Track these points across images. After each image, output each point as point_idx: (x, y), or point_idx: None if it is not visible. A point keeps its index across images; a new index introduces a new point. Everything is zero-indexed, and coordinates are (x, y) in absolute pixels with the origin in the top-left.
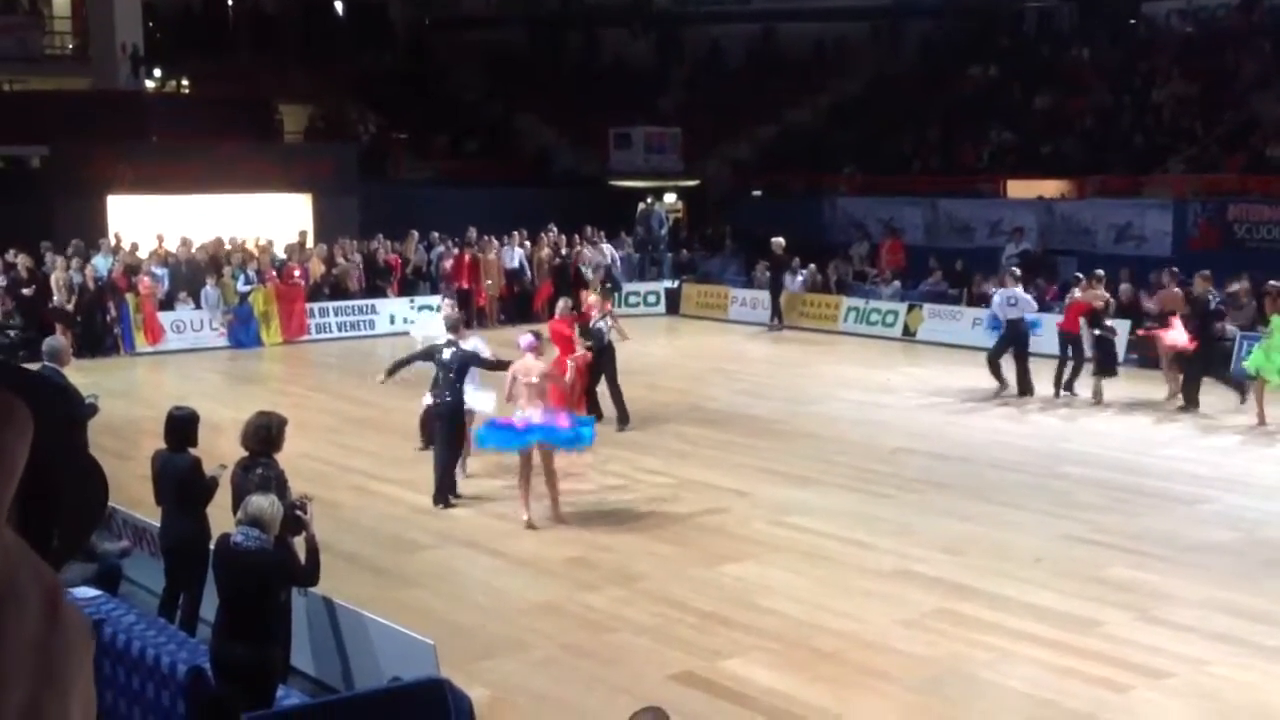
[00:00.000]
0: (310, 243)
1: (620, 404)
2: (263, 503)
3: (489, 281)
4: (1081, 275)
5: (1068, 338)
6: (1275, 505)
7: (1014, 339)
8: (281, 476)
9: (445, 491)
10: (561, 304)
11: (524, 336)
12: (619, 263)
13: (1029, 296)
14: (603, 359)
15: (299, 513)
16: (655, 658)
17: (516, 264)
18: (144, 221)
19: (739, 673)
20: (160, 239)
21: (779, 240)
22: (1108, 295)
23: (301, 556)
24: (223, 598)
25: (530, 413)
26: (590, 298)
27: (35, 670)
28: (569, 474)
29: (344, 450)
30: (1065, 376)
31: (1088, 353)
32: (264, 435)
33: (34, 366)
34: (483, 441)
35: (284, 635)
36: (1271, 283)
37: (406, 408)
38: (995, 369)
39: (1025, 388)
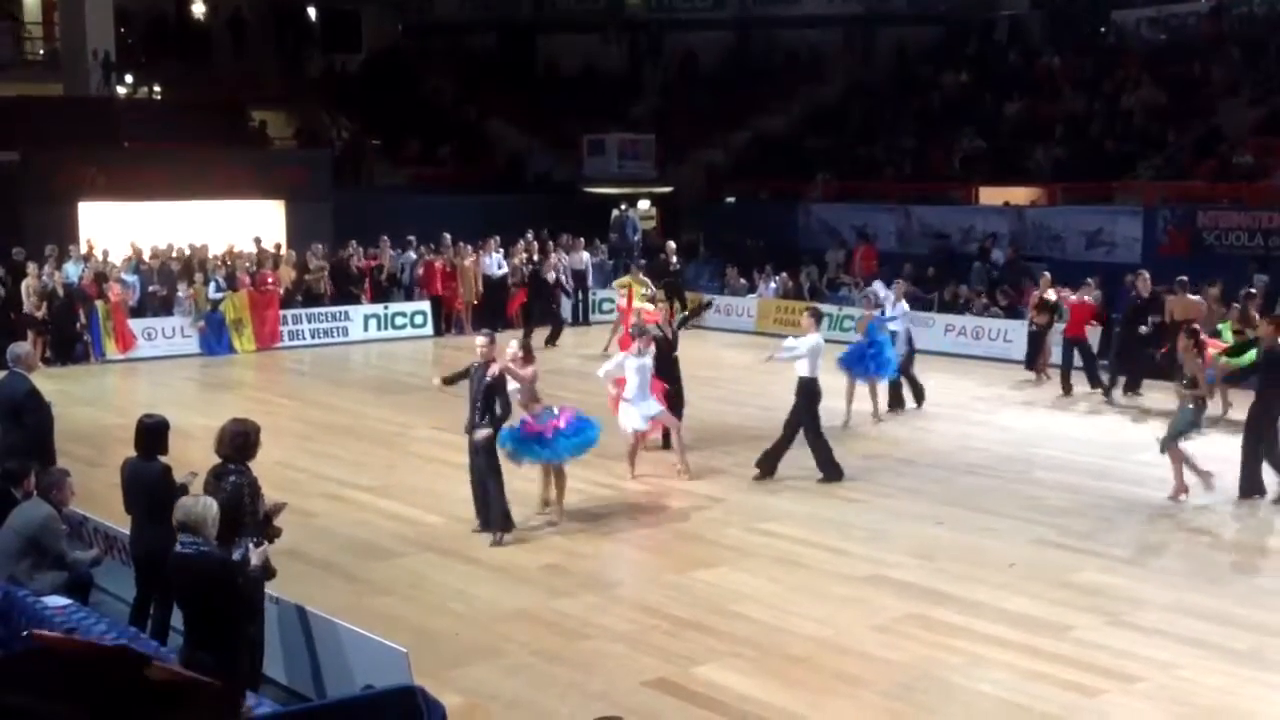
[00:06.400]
0: (283, 248)
1: None
2: (187, 503)
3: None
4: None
5: (1075, 342)
6: (1242, 510)
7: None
8: (255, 484)
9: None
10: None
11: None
12: (592, 270)
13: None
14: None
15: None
16: (629, 664)
17: (496, 271)
18: (116, 228)
19: (712, 679)
20: (132, 245)
21: (671, 244)
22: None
23: (254, 560)
24: (182, 610)
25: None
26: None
27: None
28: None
29: (317, 458)
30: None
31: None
32: (240, 443)
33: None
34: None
35: (255, 643)
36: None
37: (379, 415)
38: (910, 381)
39: (908, 399)
